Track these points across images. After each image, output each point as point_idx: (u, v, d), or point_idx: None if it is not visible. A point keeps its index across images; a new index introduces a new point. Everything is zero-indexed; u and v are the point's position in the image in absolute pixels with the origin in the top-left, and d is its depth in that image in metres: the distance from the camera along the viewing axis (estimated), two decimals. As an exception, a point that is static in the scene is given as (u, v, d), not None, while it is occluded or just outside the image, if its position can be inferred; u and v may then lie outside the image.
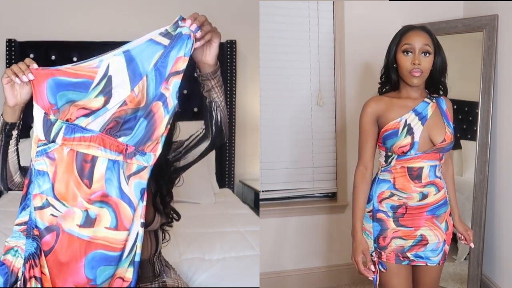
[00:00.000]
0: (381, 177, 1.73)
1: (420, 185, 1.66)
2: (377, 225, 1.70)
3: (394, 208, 1.69)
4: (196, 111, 3.39)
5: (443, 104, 1.72)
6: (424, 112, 1.67)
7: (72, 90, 1.30)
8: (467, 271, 2.60)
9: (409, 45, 1.64)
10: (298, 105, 2.83)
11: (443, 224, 1.71)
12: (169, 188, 1.57)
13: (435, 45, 1.66)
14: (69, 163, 1.30)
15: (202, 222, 2.58)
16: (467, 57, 2.70)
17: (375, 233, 1.70)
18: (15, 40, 3.23)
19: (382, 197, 1.71)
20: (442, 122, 1.68)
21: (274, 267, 2.84)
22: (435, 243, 1.69)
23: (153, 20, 3.44)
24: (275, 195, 2.86)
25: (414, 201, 1.67)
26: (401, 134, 1.65)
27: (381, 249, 1.69)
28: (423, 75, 1.64)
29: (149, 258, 1.57)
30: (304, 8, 2.78)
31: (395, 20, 2.83)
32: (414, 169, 1.66)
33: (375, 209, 1.72)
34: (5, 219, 2.55)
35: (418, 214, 1.68)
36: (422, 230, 1.68)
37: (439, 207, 1.70)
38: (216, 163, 3.36)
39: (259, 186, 2.84)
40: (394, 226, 1.68)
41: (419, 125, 1.65)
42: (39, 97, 1.30)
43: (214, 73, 1.43)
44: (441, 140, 1.65)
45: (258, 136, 2.85)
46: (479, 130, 2.54)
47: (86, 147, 1.30)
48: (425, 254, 1.69)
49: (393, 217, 1.69)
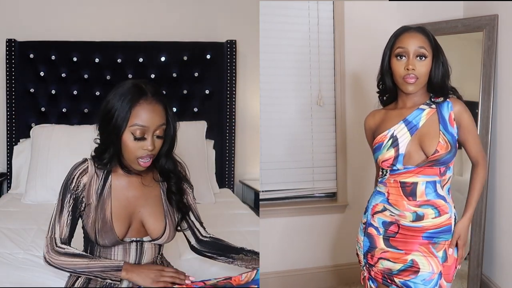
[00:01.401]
0: (378, 189, 1.63)
1: (415, 203, 1.51)
2: (367, 240, 1.62)
3: (386, 224, 1.57)
4: (196, 111, 3.39)
5: (446, 109, 1.52)
6: (415, 120, 1.53)
7: None
8: (467, 271, 2.60)
9: (402, 49, 1.49)
10: (298, 105, 2.83)
11: (441, 253, 1.53)
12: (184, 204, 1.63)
13: (433, 47, 1.51)
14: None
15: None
16: (467, 57, 2.70)
17: (364, 248, 1.63)
18: (15, 40, 3.23)
19: (375, 210, 1.61)
20: (437, 130, 1.50)
21: (274, 267, 2.84)
22: (427, 273, 1.50)
23: (153, 20, 3.46)
24: (275, 195, 2.86)
25: (406, 221, 1.53)
26: (384, 147, 1.54)
27: (370, 267, 1.62)
28: (419, 81, 1.49)
29: (153, 260, 1.60)
30: (304, 8, 2.78)
31: (395, 20, 2.83)
32: (407, 184, 1.52)
33: (368, 222, 1.63)
34: (4, 219, 2.55)
35: (412, 237, 1.53)
36: (413, 255, 1.52)
37: (439, 234, 1.52)
38: (216, 163, 3.36)
39: (259, 186, 2.84)
40: (383, 246, 1.57)
41: (407, 135, 1.52)
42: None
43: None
44: (433, 151, 1.48)
45: (258, 136, 2.85)
46: (479, 130, 2.54)
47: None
48: (415, 284, 1.50)
49: (383, 235, 1.58)
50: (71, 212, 1.50)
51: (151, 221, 1.55)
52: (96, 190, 1.51)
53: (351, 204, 2.94)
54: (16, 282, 1.88)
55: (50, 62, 3.25)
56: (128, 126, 1.42)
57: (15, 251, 2.15)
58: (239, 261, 1.63)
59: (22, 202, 2.92)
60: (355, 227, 2.95)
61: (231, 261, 1.65)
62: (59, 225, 1.50)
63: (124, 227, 1.52)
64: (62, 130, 3.10)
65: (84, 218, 1.53)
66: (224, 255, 1.65)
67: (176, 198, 1.59)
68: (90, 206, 1.51)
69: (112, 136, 1.44)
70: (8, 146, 3.27)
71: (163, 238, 1.57)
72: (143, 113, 1.42)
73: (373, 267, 1.59)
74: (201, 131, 3.26)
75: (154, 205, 1.57)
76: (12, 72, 3.23)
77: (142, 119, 1.42)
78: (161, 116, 1.45)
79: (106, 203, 1.51)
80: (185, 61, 3.38)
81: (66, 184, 1.50)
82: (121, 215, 1.52)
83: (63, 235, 1.50)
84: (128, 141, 1.43)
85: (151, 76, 3.33)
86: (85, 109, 3.29)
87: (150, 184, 1.58)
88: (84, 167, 1.52)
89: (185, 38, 3.39)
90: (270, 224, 2.80)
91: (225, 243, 1.68)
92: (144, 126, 1.42)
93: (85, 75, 3.29)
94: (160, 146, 1.48)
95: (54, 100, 3.29)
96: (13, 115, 3.26)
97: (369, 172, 2.93)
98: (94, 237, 1.49)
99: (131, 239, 1.55)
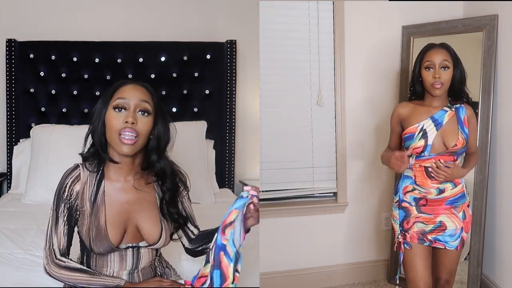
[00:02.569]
0: (405, 173, 2.02)
1: (436, 181, 1.94)
2: (402, 212, 2.02)
3: (416, 200, 1.99)
4: (196, 111, 3.39)
5: (462, 112, 1.96)
6: (440, 119, 1.94)
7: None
8: (467, 271, 2.60)
9: (430, 62, 1.91)
10: (298, 105, 2.83)
11: (461, 214, 1.97)
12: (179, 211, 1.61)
13: (453, 59, 1.92)
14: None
15: (202, 222, 2.56)
16: (467, 57, 2.68)
17: (400, 218, 2.02)
18: (15, 40, 3.23)
19: (406, 190, 2.01)
20: (456, 129, 1.93)
21: (274, 267, 2.84)
22: (453, 229, 1.95)
23: (153, 20, 3.46)
24: (275, 195, 2.86)
25: (432, 195, 1.95)
26: (416, 137, 1.94)
27: (405, 231, 2.00)
28: (444, 86, 1.91)
29: (151, 262, 1.59)
30: (304, 8, 2.78)
31: (395, 20, 2.84)
32: (430, 168, 1.93)
33: (401, 199, 2.02)
34: (5, 219, 2.55)
35: (438, 205, 1.96)
36: (441, 217, 1.96)
37: (457, 199, 1.97)
38: (216, 163, 3.35)
39: (259, 186, 2.84)
40: (416, 213, 1.98)
41: (434, 130, 1.93)
42: None
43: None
44: (453, 144, 1.91)
45: (258, 136, 2.85)
46: (479, 130, 2.54)
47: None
48: (444, 238, 1.96)
49: (415, 205, 1.98)
50: (67, 221, 1.48)
51: (146, 226, 1.52)
52: (89, 197, 1.48)
53: (351, 204, 2.94)
54: (16, 282, 1.88)
55: (50, 62, 3.25)
56: (110, 104, 1.45)
57: (15, 251, 2.16)
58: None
59: (22, 202, 2.92)
60: (355, 227, 2.98)
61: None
62: (56, 236, 1.47)
63: (119, 234, 1.49)
64: (62, 130, 3.10)
65: (79, 225, 1.50)
66: (210, 241, 1.61)
67: (173, 210, 1.56)
68: (84, 213, 1.48)
69: (96, 119, 1.46)
70: (8, 146, 3.27)
71: (160, 243, 1.54)
72: (125, 89, 1.46)
73: (408, 231, 1.99)
74: (201, 131, 3.25)
75: (149, 210, 1.54)
76: (12, 72, 3.23)
77: (123, 93, 1.45)
78: (144, 94, 1.46)
79: (100, 210, 1.48)
80: (185, 61, 3.38)
81: (59, 194, 1.48)
82: (116, 222, 1.49)
83: (61, 246, 1.48)
84: (111, 117, 1.43)
85: (151, 76, 3.33)
86: (85, 109, 3.29)
87: (144, 189, 1.54)
88: (76, 174, 1.49)
89: (185, 38, 3.39)
90: (270, 224, 2.80)
91: (208, 230, 1.66)
92: (125, 98, 1.44)
93: (85, 75, 3.29)
94: (146, 127, 1.45)
95: (54, 100, 3.29)
96: (13, 115, 3.25)
97: (369, 172, 2.93)
98: (89, 245, 1.47)
99: (127, 245, 1.52)
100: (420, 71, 1.95)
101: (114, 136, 1.42)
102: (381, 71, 2.87)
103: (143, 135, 1.45)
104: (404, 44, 2.83)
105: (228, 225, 1.38)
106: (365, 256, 3.00)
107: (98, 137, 1.46)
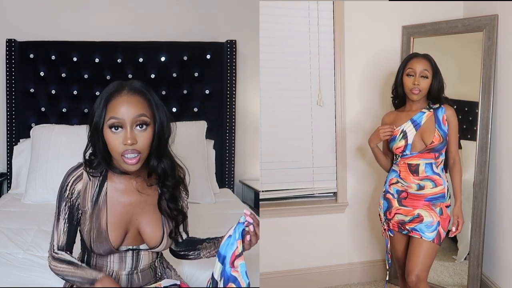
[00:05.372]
0: (393, 168, 2.23)
1: (418, 178, 2.11)
2: (385, 203, 2.22)
3: (399, 192, 2.17)
4: (196, 111, 3.39)
5: (440, 112, 2.13)
6: (418, 120, 2.14)
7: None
8: (467, 271, 2.60)
9: (412, 69, 2.11)
10: (298, 105, 2.83)
11: (438, 209, 2.11)
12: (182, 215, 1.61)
13: (433, 70, 2.11)
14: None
15: (202, 222, 2.58)
16: (467, 57, 2.70)
17: (384, 208, 2.22)
18: (15, 40, 3.23)
19: (391, 182, 2.20)
20: (433, 127, 2.11)
21: (274, 267, 2.84)
22: (430, 221, 2.08)
23: (153, 20, 3.46)
24: (275, 195, 2.86)
25: (413, 190, 2.12)
26: (397, 138, 2.15)
27: (389, 220, 2.20)
28: (421, 93, 2.10)
29: (151, 263, 1.59)
30: (304, 8, 2.78)
31: (395, 20, 2.84)
32: (413, 165, 2.12)
33: (386, 190, 2.22)
34: (5, 219, 2.55)
35: (417, 200, 2.12)
36: (419, 210, 2.11)
37: (437, 198, 2.11)
38: (216, 163, 3.35)
39: (259, 186, 2.84)
40: (397, 205, 2.17)
41: (413, 131, 2.13)
42: None
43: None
44: (430, 141, 2.09)
45: (258, 136, 2.85)
46: (479, 130, 2.54)
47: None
48: (420, 228, 2.09)
49: (397, 198, 2.17)
50: (67, 219, 1.48)
51: (148, 230, 1.51)
52: (91, 197, 1.48)
53: (351, 204, 2.94)
54: (16, 282, 1.88)
55: (50, 62, 3.25)
56: (105, 122, 1.39)
57: (15, 251, 2.15)
58: (203, 251, 1.61)
59: (22, 202, 2.92)
60: (355, 227, 2.98)
61: (198, 253, 1.62)
62: (57, 233, 1.49)
63: (120, 236, 1.49)
64: (62, 130, 3.10)
65: (81, 225, 1.50)
66: (194, 249, 1.63)
67: (172, 206, 1.54)
68: (85, 213, 1.48)
69: (95, 135, 1.42)
70: (8, 146, 3.27)
71: (161, 247, 1.54)
72: (117, 106, 1.38)
73: (390, 220, 2.19)
74: (201, 131, 3.26)
75: (152, 213, 1.52)
76: (12, 72, 3.23)
77: (116, 112, 1.38)
78: (138, 107, 1.39)
79: (102, 211, 1.47)
80: (185, 61, 3.38)
81: (61, 192, 1.48)
82: (117, 224, 1.48)
83: (60, 242, 1.49)
84: (109, 137, 1.39)
85: (151, 76, 3.33)
86: (85, 109, 3.29)
87: (147, 192, 1.52)
88: (78, 173, 1.48)
89: (185, 38, 3.39)
90: (270, 224, 2.80)
91: (196, 238, 1.66)
92: (119, 118, 1.38)
93: (85, 75, 3.29)
94: (146, 141, 1.41)
95: (54, 100, 3.29)
96: (13, 115, 3.26)
97: (369, 172, 2.93)
98: (89, 245, 1.47)
99: (127, 247, 1.52)
100: (403, 76, 2.14)
101: (117, 156, 1.41)
102: (381, 71, 2.87)
103: (145, 149, 1.42)
104: (404, 44, 2.83)
105: (238, 257, 1.38)
106: (365, 256, 3.01)
107: (100, 154, 1.44)
